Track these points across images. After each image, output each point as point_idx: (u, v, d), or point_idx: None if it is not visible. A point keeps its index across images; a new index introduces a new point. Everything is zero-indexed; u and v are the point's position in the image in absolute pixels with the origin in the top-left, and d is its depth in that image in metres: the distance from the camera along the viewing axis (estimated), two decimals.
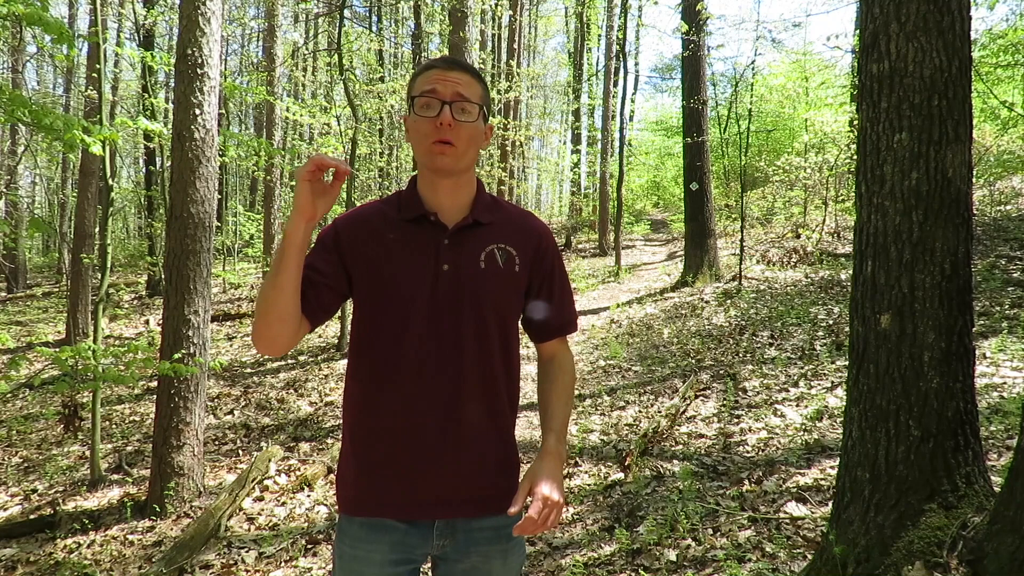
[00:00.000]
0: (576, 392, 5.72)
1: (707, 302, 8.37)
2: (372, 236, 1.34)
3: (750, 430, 4.31)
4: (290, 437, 5.43)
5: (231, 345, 9.40)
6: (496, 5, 13.11)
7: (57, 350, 3.90)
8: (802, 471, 3.58)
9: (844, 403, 2.42)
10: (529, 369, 5.19)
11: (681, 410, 4.79)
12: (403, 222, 1.35)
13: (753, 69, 10.64)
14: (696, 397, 5.10)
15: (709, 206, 10.07)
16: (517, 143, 17.23)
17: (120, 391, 7.06)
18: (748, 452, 3.99)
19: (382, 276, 1.32)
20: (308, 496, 4.22)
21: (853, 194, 4.46)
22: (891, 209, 2.18)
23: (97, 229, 10.12)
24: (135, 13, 12.32)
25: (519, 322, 1.44)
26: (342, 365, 7.64)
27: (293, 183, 13.15)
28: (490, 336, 1.34)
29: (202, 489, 4.25)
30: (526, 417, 5.22)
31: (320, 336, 9.11)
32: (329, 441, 5.23)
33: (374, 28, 16.72)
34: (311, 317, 1.30)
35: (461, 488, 1.33)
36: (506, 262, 1.36)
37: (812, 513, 3.10)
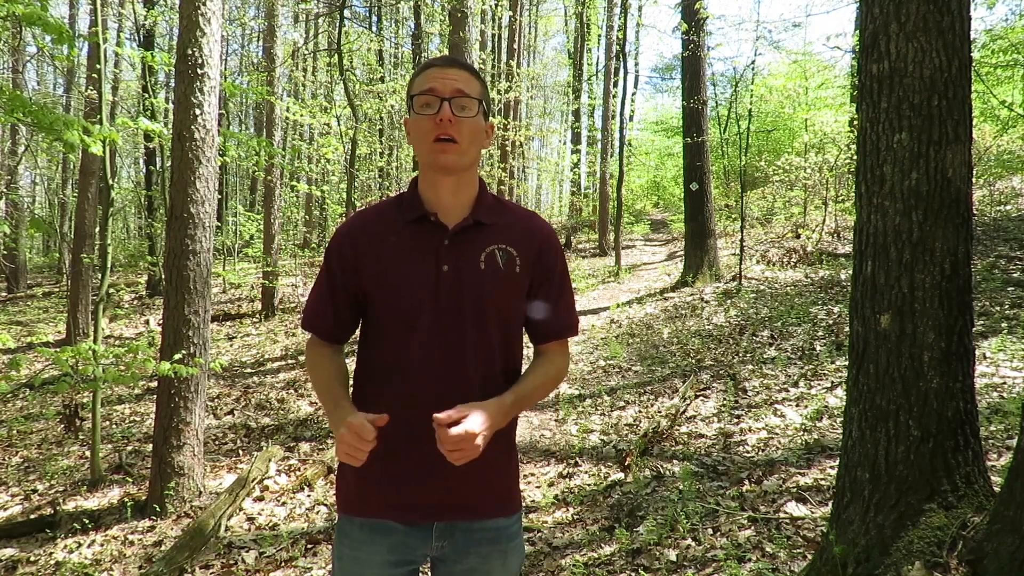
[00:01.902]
0: (576, 392, 5.73)
1: (707, 302, 8.37)
2: (373, 243, 1.35)
3: (750, 430, 4.31)
4: (290, 437, 5.43)
5: (231, 345, 9.40)
6: (496, 5, 13.11)
7: (57, 350, 3.90)
8: (802, 471, 3.58)
9: (844, 403, 2.42)
10: None
11: (681, 410, 4.78)
12: (404, 223, 1.35)
13: (753, 69, 10.64)
14: (696, 397, 5.09)
15: (709, 206, 10.08)
16: (517, 143, 17.23)
17: (120, 391, 7.06)
18: (748, 452, 3.99)
19: (385, 280, 1.32)
20: (308, 496, 4.22)
21: (853, 194, 4.46)
22: (891, 209, 2.18)
23: (97, 229, 10.12)
24: (135, 13, 12.32)
25: (521, 324, 1.43)
26: None
27: (294, 183, 13.14)
28: (491, 337, 1.33)
29: (202, 489, 4.25)
30: (526, 418, 5.22)
31: None
32: (329, 441, 5.23)
33: (374, 28, 16.72)
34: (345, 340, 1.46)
35: (461, 491, 1.33)
36: (506, 263, 1.35)
37: (812, 513, 3.10)
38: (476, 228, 1.35)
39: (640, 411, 5.08)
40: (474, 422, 1.20)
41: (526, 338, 1.49)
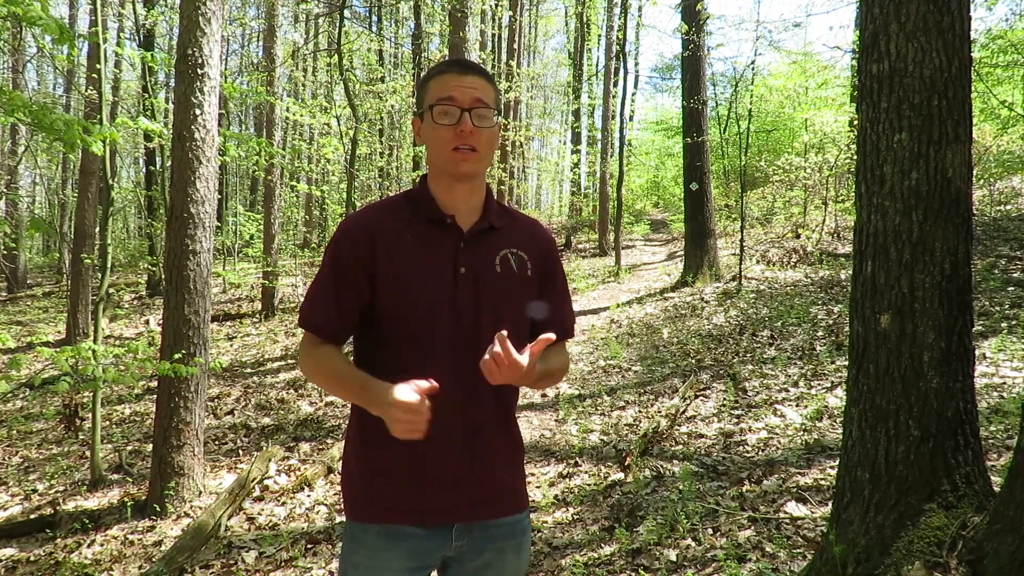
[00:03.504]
0: (576, 392, 5.73)
1: (707, 302, 8.37)
2: (387, 238, 1.33)
3: (750, 430, 4.31)
4: (290, 437, 5.43)
5: (231, 345, 9.40)
6: (496, 5, 13.11)
7: (57, 350, 3.89)
8: (802, 471, 3.58)
9: (844, 403, 2.42)
10: None
11: (681, 410, 4.79)
12: (419, 223, 1.35)
13: (753, 69, 10.65)
14: (696, 397, 5.09)
15: (709, 206, 10.07)
16: (517, 143, 17.24)
17: (120, 391, 7.06)
18: (748, 452, 3.99)
19: (399, 279, 1.31)
20: (308, 496, 4.22)
21: (853, 194, 4.46)
22: (891, 209, 2.18)
23: (97, 229, 10.11)
24: (135, 13, 12.31)
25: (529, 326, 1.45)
26: None
27: (293, 183, 13.15)
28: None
29: (202, 489, 4.25)
30: (526, 418, 5.22)
31: None
32: (329, 441, 5.23)
33: (374, 28, 16.72)
34: (346, 339, 1.41)
35: (477, 491, 1.34)
36: (519, 267, 1.38)
37: (812, 513, 3.10)
38: (489, 231, 1.37)
39: (640, 411, 5.08)
40: (526, 360, 1.21)
41: None
